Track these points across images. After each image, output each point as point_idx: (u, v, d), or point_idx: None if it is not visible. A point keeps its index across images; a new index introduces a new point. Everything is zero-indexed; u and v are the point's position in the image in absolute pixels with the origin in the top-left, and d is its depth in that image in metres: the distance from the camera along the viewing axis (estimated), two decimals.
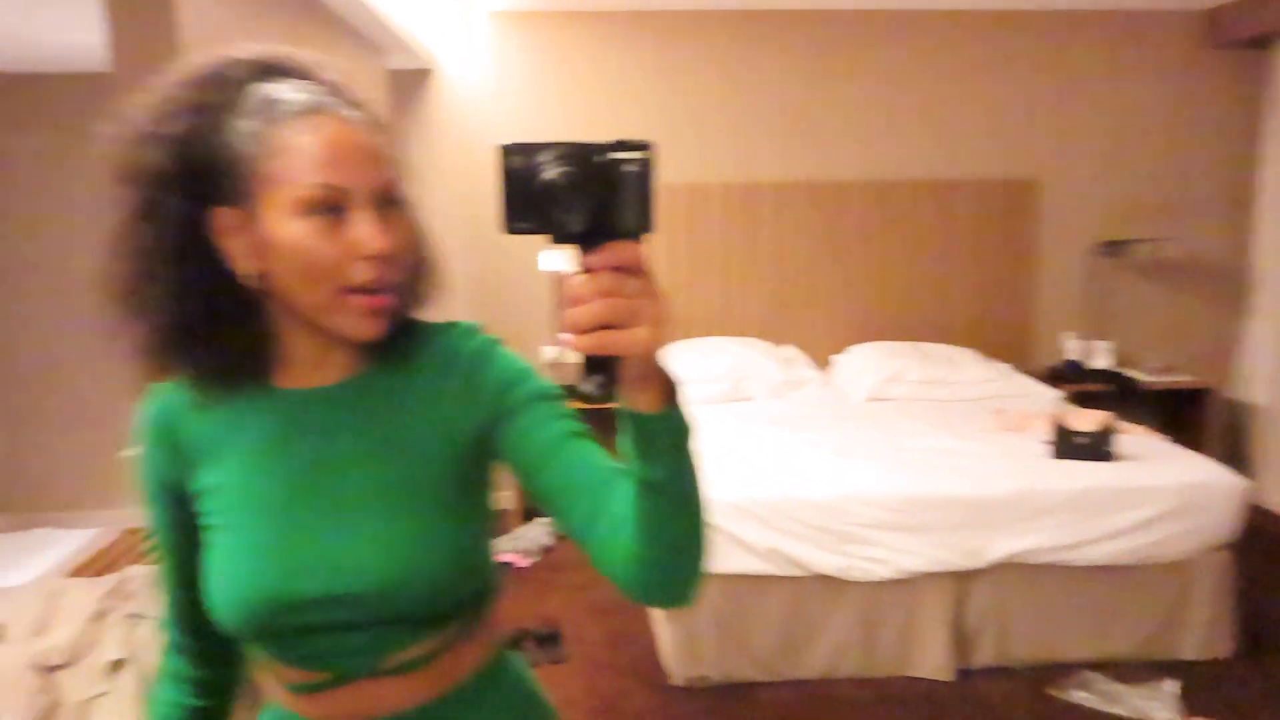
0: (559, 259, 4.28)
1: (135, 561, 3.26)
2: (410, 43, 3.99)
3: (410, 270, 0.96)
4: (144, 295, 0.89)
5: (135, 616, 2.69)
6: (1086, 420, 3.34)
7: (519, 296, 4.62)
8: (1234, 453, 4.86)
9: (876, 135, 4.79)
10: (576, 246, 0.69)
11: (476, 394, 0.94)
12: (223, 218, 0.88)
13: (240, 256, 0.88)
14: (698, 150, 4.73)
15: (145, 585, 2.82)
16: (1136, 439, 3.47)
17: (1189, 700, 2.91)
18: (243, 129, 0.86)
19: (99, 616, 2.68)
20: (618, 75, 4.68)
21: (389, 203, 0.90)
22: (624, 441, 0.77)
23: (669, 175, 4.68)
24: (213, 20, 2.25)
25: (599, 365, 0.70)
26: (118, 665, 2.56)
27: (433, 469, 0.94)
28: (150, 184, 0.87)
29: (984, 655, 3.11)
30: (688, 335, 4.74)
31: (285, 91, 0.88)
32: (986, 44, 4.75)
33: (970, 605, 3.10)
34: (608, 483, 0.85)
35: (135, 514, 3.81)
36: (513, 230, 0.69)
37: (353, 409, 0.95)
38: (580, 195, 0.67)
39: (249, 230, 0.87)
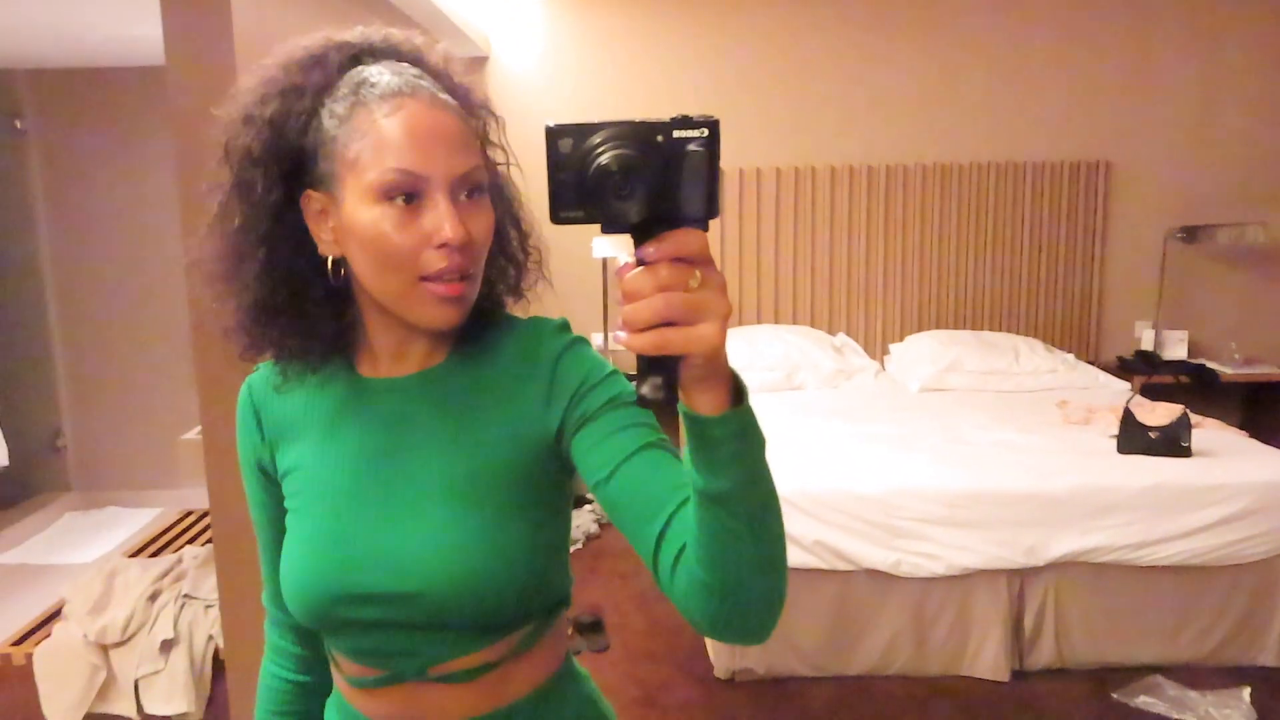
0: (614, 246, 4.24)
1: (190, 543, 3.34)
2: (465, 29, 4.00)
3: (498, 261, 0.94)
4: (236, 274, 0.90)
5: (188, 598, 2.75)
6: (1157, 413, 3.19)
7: (569, 286, 4.60)
8: None
9: (937, 116, 4.65)
10: (632, 235, 0.63)
11: (556, 395, 0.89)
12: (311, 201, 0.88)
13: (325, 240, 0.88)
14: (752, 132, 4.65)
15: (198, 567, 2.89)
16: (1212, 433, 3.31)
17: (1267, 709, 2.76)
18: (333, 112, 0.85)
19: (153, 597, 2.75)
20: (672, 57, 4.62)
21: (471, 190, 0.86)
22: (686, 448, 0.70)
23: (724, 159, 4.60)
24: (267, 12, 2.26)
25: (658, 365, 0.64)
26: (169, 645, 2.62)
27: (504, 468, 0.90)
28: (246, 164, 0.88)
29: (1042, 656, 3.00)
30: (739, 323, 4.68)
31: (376, 74, 0.86)
32: (1057, 20, 4.57)
33: (1028, 604, 2.99)
34: (678, 500, 0.78)
35: (193, 495, 3.89)
36: (561, 220, 0.64)
37: (428, 400, 0.93)
38: (639, 180, 0.61)
39: (333, 215, 0.87)
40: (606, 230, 0.63)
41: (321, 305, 0.92)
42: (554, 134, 0.63)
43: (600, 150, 0.61)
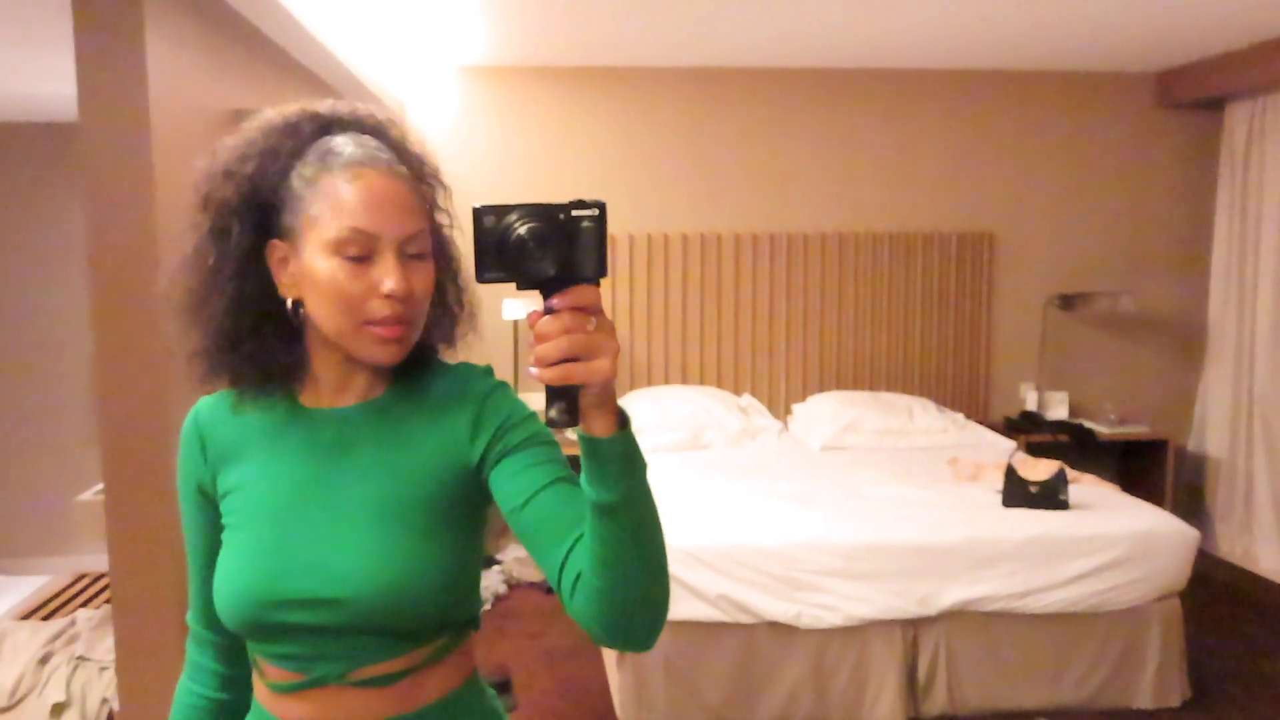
0: (520, 308, 4.34)
1: (83, 606, 3.23)
2: (380, 95, 4.08)
3: (436, 311, 1.06)
4: (205, 307, 1.01)
5: (81, 660, 2.67)
6: (1038, 469, 3.40)
7: (483, 345, 4.65)
8: (1190, 503, 4.92)
9: (835, 188, 4.90)
10: (541, 291, 0.80)
11: (482, 428, 1.01)
12: (275, 249, 1.00)
13: (285, 284, 1.01)
14: (660, 202, 4.82)
15: (92, 629, 2.81)
16: (1088, 488, 3.52)
17: None
18: (301, 174, 0.98)
19: (44, 659, 2.66)
20: (582, 129, 4.78)
21: (416, 251, 0.99)
22: (582, 467, 0.84)
23: (630, 225, 4.76)
24: (181, 72, 2.30)
25: (562, 394, 0.80)
26: (60, 708, 2.54)
27: (429, 493, 1.00)
28: (224, 213, 1.00)
29: (936, 703, 3.11)
30: (647, 384, 4.78)
31: (341, 144, 0.99)
32: (943, 102, 4.89)
33: (922, 653, 3.11)
34: (581, 530, 0.90)
35: (87, 560, 3.77)
36: (485, 279, 0.81)
37: (365, 429, 1.04)
38: (548, 249, 0.78)
39: (294, 262, 0.99)
40: (521, 287, 0.81)
41: (278, 340, 1.03)
42: (479, 212, 0.80)
43: (516, 224, 0.79)
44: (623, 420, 0.84)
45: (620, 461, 0.83)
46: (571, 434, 0.84)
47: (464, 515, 1.03)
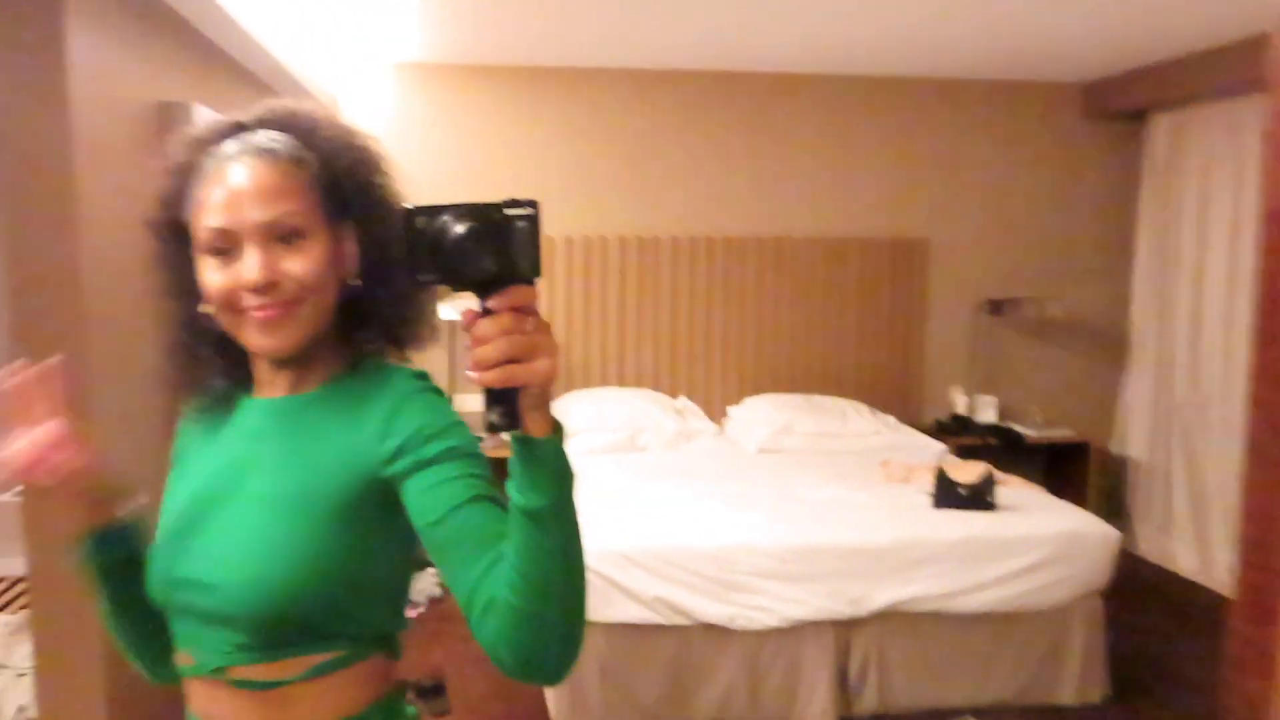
0: (456, 309, 4.29)
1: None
2: (312, 90, 4.00)
3: (383, 312, 1.04)
4: (162, 323, 1.07)
5: None
6: (967, 471, 3.46)
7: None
8: (1112, 504, 5.07)
9: (771, 193, 4.94)
10: (477, 293, 0.77)
11: (392, 431, 0.96)
12: (198, 261, 1.00)
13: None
14: (595, 203, 4.81)
15: (8, 635, 2.70)
16: (1016, 490, 3.60)
17: None
18: (195, 183, 0.98)
19: None
20: (518, 128, 4.75)
21: (287, 235, 0.97)
22: (512, 473, 0.81)
23: (566, 227, 4.74)
24: (106, 64, 2.23)
25: (501, 398, 0.78)
26: None
27: (327, 493, 0.96)
28: (153, 234, 1.05)
29: (867, 703, 3.16)
30: (584, 386, 4.77)
31: (224, 146, 0.99)
32: (875, 108, 4.97)
33: (853, 654, 3.15)
34: (498, 552, 0.85)
35: (3, 564, 3.62)
36: (419, 282, 0.79)
37: (283, 421, 1.03)
38: (484, 248, 0.76)
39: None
40: (457, 289, 0.79)
41: (216, 346, 1.04)
42: (411, 214, 0.78)
43: (451, 224, 0.76)
44: (557, 426, 0.82)
45: (554, 463, 0.81)
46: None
47: (367, 520, 0.97)
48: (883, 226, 5.02)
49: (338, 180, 1.01)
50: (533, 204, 0.78)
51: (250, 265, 0.94)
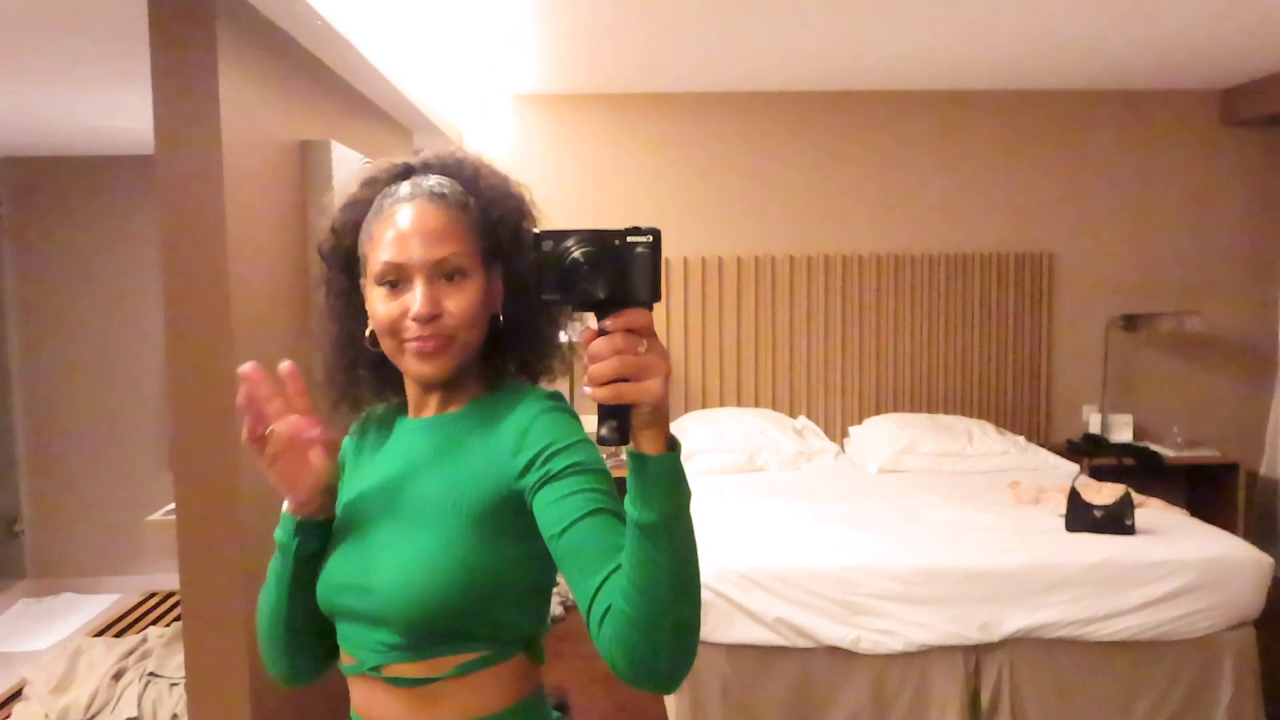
0: (576, 331, 4.38)
1: (153, 624, 3.32)
2: (439, 124, 4.17)
3: (523, 342, 1.15)
4: (322, 341, 1.18)
5: (153, 676, 2.75)
6: (1103, 493, 3.32)
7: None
8: (1264, 529, 4.77)
9: (891, 209, 4.87)
10: (596, 313, 0.83)
11: (525, 446, 1.03)
12: (364, 287, 1.12)
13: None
14: (713, 225, 4.84)
15: (163, 646, 2.88)
16: (1155, 513, 3.43)
17: None
18: (369, 219, 1.10)
19: (117, 675, 2.74)
20: (634, 153, 4.83)
21: (452, 274, 1.07)
22: (628, 488, 0.86)
23: (685, 249, 4.79)
24: (251, 105, 2.39)
25: (613, 413, 0.83)
26: None
27: (470, 504, 1.03)
28: (324, 260, 1.16)
29: None
30: (703, 406, 4.79)
31: (401, 187, 1.10)
32: (1001, 122, 4.86)
33: (984, 681, 3.05)
34: (617, 562, 0.90)
35: (149, 581, 3.88)
36: (543, 302, 0.85)
37: (432, 440, 1.11)
38: (599, 271, 0.82)
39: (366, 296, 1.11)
40: (577, 309, 0.85)
41: (375, 363, 1.15)
42: (539, 237, 0.84)
43: (572, 249, 0.82)
44: (672, 444, 0.86)
45: (666, 481, 0.84)
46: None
47: (506, 530, 1.03)
48: (1007, 241, 4.89)
49: (494, 225, 1.11)
50: (654, 232, 0.83)
51: (417, 299, 1.04)
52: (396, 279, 1.06)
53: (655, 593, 0.85)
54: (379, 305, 1.07)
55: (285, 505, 1.11)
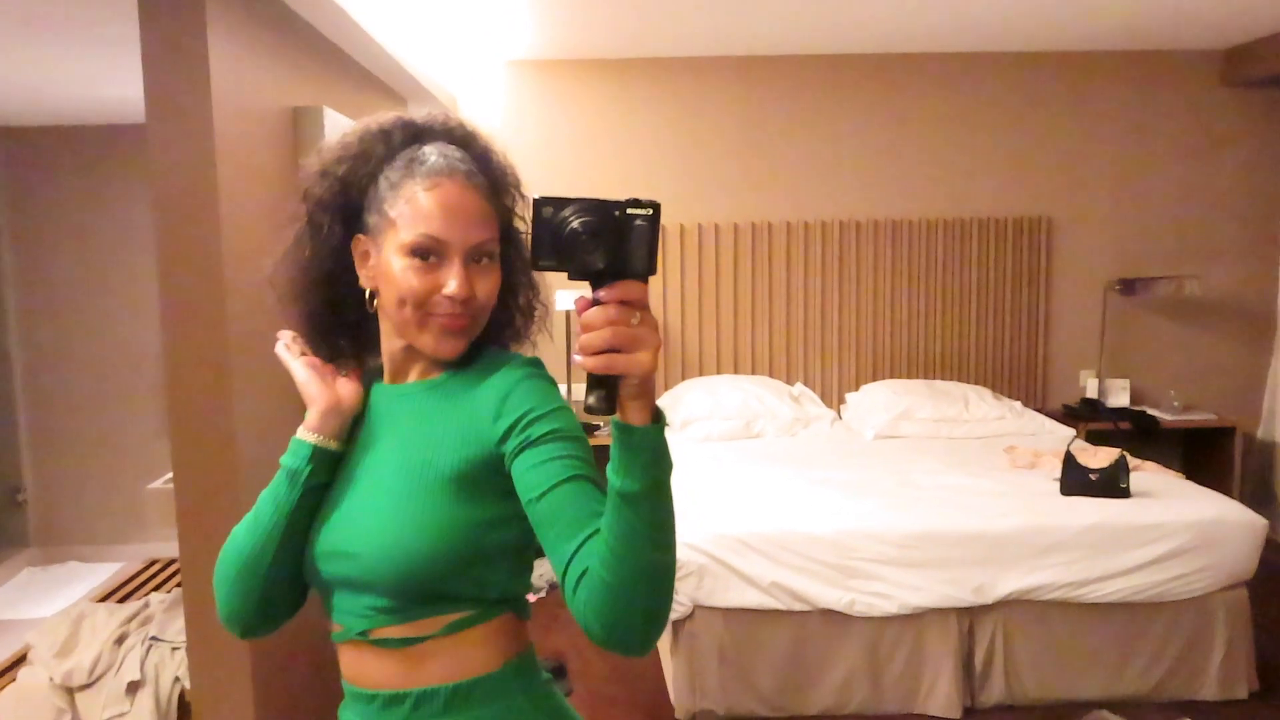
0: (570, 299, 4.37)
1: (155, 590, 3.35)
2: (432, 90, 4.14)
3: (509, 309, 1.16)
4: (300, 290, 1.14)
5: (155, 640, 2.78)
6: (1098, 456, 3.34)
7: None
8: (1259, 492, 4.80)
9: (888, 174, 4.85)
10: (591, 283, 0.84)
11: (505, 412, 1.03)
12: (359, 244, 1.11)
13: (365, 275, 1.11)
14: (710, 191, 4.82)
15: (165, 610, 2.91)
16: (1150, 475, 3.45)
17: None
18: (388, 178, 1.08)
19: (120, 640, 2.77)
20: (630, 118, 4.80)
21: (482, 257, 1.07)
22: (611, 457, 0.88)
23: (681, 216, 4.77)
24: (242, 72, 2.37)
25: (602, 382, 0.84)
26: (135, 686, 2.64)
27: (451, 466, 1.04)
28: (318, 209, 1.12)
29: (993, 693, 3.09)
30: (700, 374, 4.80)
31: (426, 154, 1.08)
32: (998, 84, 4.82)
33: (978, 642, 3.09)
34: (593, 528, 0.92)
35: (152, 549, 3.90)
36: (539, 267, 0.85)
37: (412, 404, 1.12)
38: (598, 241, 0.82)
39: (374, 256, 1.09)
40: (572, 277, 0.84)
41: (352, 320, 1.16)
42: (538, 203, 0.84)
43: (571, 217, 0.82)
44: (657, 416, 0.87)
45: (650, 453, 0.86)
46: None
47: (487, 492, 1.04)
48: (1004, 206, 4.87)
49: (503, 210, 1.13)
50: (654, 205, 0.83)
51: (458, 278, 1.04)
52: (431, 252, 1.05)
53: (633, 559, 0.87)
54: (409, 276, 1.05)
55: (301, 430, 1.11)
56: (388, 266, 1.06)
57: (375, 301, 1.11)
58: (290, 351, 1.15)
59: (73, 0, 2.69)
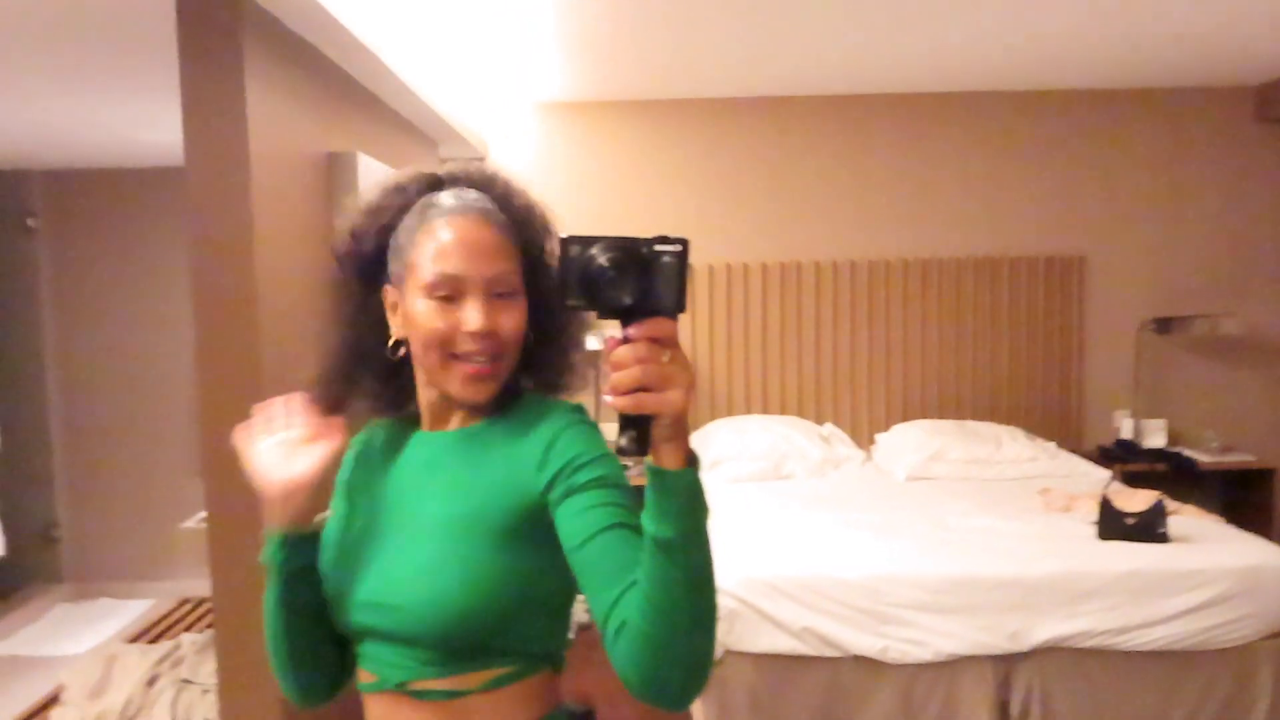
0: (601, 339, 4.39)
1: (187, 630, 3.36)
2: (464, 134, 4.20)
3: (549, 354, 1.15)
4: (330, 341, 1.16)
5: (185, 682, 2.78)
6: (1135, 500, 3.28)
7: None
8: None
9: (918, 213, 4.84)
10: (620, 321, 0.83)
11: (549, 461, 1.02)
12: (387, 295, 1.12)
13: (396, 325, 1.12)
14: (738, 230, 4.83)
15: (196, 652, 2.92)
16: (1190, 520, 3.38)
17: None
18: (406, 227, 1.09)
19: (151, 681, 2.78)
20: (658, 159, 4.83)
21: (503, 292, 1.07)
22: (646, 502, 0.85)
23: (711, 256, 4.78)
24: (279, 118, 2.42)
25: (634, 423, 0.82)
26: None
27: (494, 515, 1.03)
28: (342, 265, 1.15)
29: None
30: (728, 414, 4.77)
31: (443, 198, 1.09)
32: (1029, 122, 4.81)
33: (1014, 691, 3.02)
34: (634, 572, 0.90)
35: (184, 587, 3.93)
36: (568, 306, 0.84)
37: (454, 453, 1.10)
38: (625, 277, 0.81)
39: (401, 305, 1.10)
40: (601, 315, 0.84)
41: (384, 371, 1.15)
42: (566, 242, 0.84)
43: (598, 255, 0.81)
44: (692, 459, 0.85)
45: (684, 497, 0.84)
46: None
47: (530, 543, 1.03)
48: (1036, 245, 4.84)
49: (526, 246, 1.12)
50: (682, 242, 0.82)
51: (474, 314, 1.04)
52: (450, 292, 1.05)
53: (670, 610, 0.85)
54: (430, 318, 1.05)
55: (266, 525, 1.11)
56: (411, 310, 1.07)
57: (400, 350, 1.11)
58: (255, 437, 1.12)
59: (114, 50, 2.76)
